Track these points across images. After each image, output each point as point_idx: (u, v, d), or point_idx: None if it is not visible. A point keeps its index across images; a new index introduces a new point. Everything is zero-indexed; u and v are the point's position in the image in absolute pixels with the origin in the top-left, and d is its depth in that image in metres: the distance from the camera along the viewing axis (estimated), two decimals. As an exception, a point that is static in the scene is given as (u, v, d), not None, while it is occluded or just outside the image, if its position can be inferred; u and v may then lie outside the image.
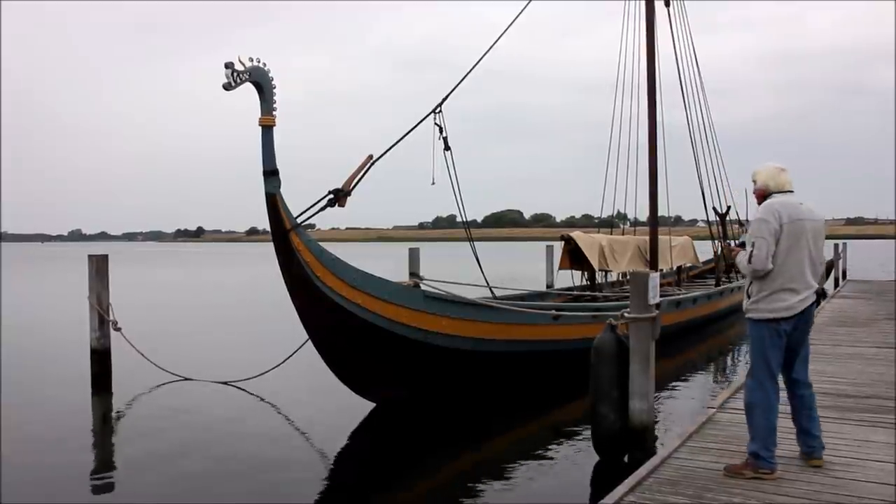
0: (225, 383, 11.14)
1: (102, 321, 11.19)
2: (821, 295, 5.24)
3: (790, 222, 5.02)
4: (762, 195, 5.25)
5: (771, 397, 5.15)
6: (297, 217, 8.08)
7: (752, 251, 5.03)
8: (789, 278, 5.03)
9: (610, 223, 19.87)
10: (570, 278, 17.21)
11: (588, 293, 15.91)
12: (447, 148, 10.12)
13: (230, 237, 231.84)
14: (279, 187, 7.86)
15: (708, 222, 19.45)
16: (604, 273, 17.02)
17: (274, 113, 7.67)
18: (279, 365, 10.72)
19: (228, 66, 7.17)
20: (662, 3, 17.42)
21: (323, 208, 8.37)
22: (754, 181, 5.32)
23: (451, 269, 16.28)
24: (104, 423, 9.52)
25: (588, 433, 7.28)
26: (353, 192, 8.49)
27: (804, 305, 5.07)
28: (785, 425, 6.22)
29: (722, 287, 18.20)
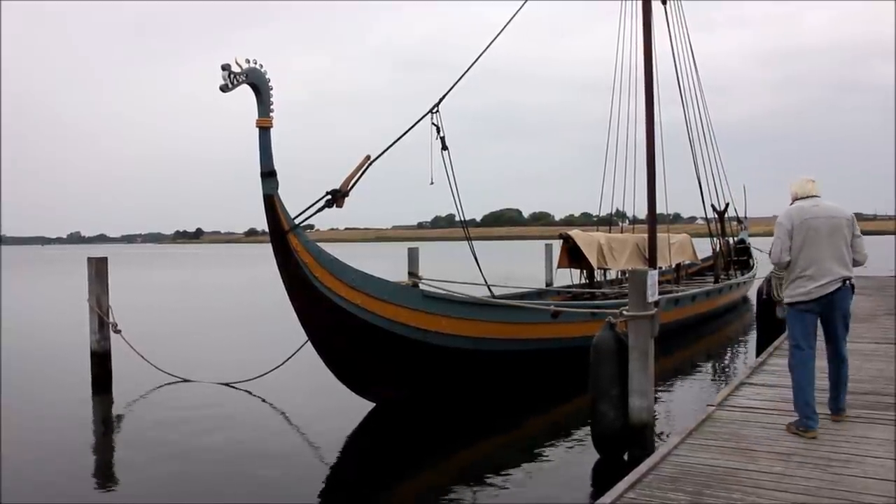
0: (225, 384, 11.15)
1: (102, 323, 11.19)
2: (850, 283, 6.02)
3: (800, 222, 5.96)
4: (792, 202, 6.21)
5: (797, 363, 6.08)
6: (295, 218, 8.08)
7: (770, 248, 6.14)
8: (803, 268, 5.95)
9: (609, 221, 19.89)
10: (569, 277, 17.21)
11: (587, 291, 15.92)
12: (445, 147, 10.12)
13: (229, 238, 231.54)
14: (277, 188, 7.86)
15: (706, 219, 19.49)
16: (603, 271, 17.04)
17: (271, 114, 7.67)
18: (279, 366, 10.72)
19: (225, 67, 7.17)
20: (659, 1, 17.45)
21: (321, 209, 8.38)
22: (790, 192, 6.26)
23: (450, 269, 16.29)
24: (104, 425, 9.53)
25: (588, 431, 7.30)
26: (350, 193, 8.50)
27: (824, 291, 5.89)
28: (776, 422, 6.26)
29: (721, 284, 18.22)
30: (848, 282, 5.95)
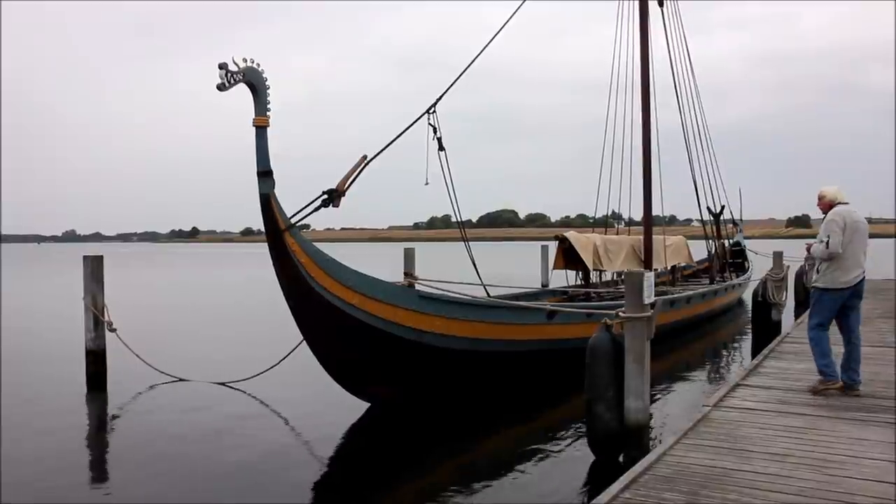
0: (220, 384, 11.13)
1: (97, 322, 11.17)
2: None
3: (850, 223, 7.25)
4: (829, 206, 7.48)
5: (821, 337, 7.51)
6: (291, 217, 8.06)
7: (828, 240, 7.22)
8: (845, 260, 7.25)
9: (605, 223, 19.93)
10: (564, 278, 17.23)
11: (583, 292, 15.93)
12: (441, 148, 10.12)
13: (225, 238, 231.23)
14: (273, 188, 7.85)
15: (702, 222, 19.53)
16: (598, 273, 17.06)
17: (268, 114, 7.67)
18: (275, 366, 10.71)
19: (222, 66, 7.16)
20: (656, 3, 17.48)
21: (317, 209, 8.35)
22: (822, 197, 7.57)
23: (447, 269, 16.28)
24: (100, 424, 9.50)
25: (583, 432, 7.30)
26: (347, 193, 8.48)
27: (856, 280, 7.34)
28: (771, 423, 6.26)
29: (716, 286, 18.25)
30: (864, 272, 7.46)
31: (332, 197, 8.37)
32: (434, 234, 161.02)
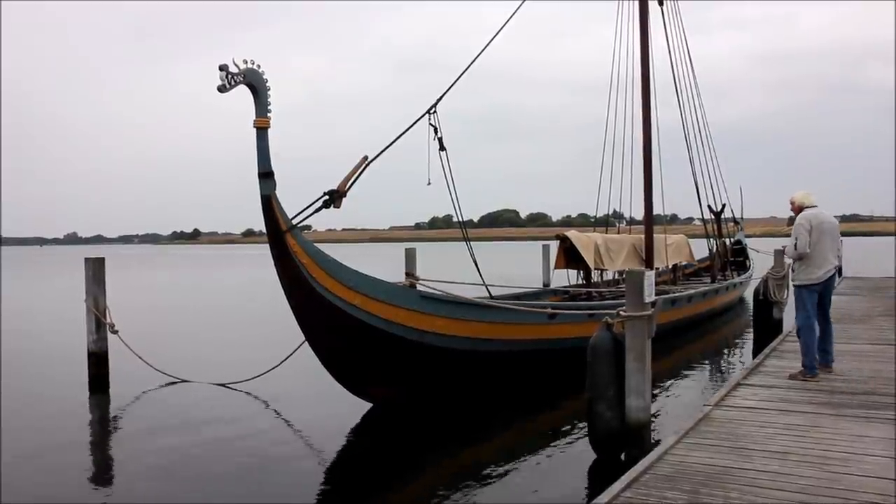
0: (222, 385, 11.14)
1: (99, 324, 11.19)
2: (839, 270, 8.45)
3: (816, 224, 7.99)
4: (799, 209, 8.24)
5: (807, 332, 8.11)
6: (292, 218, 8.08)
7: (796, 243, 8.01)
8: (814, 258, 8.01)
9: (606, 222, 19.94)
10: (566, 277, 17.24)
11: (584, 292, 15.94)
12: (442, 148, 10.14)
13: (226, 239, 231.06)
14: (274, 189, 7.87)
15: (703, 220, 19.53)
16: (600, 272, 17.07)
17: (269, 115, 7.68)
18: (276, 366, 10.73)
19: (223, 68, 7.18)
20: (656, 2, 17.49)
21: (318, 209, 8.38)
22: (792, 202, 8.37)
23: (448, 269, 16.30)
24: (102, 426, 9.52)
25: (585, 431, 7.31)
26: (348, 194, 8.50)
27: (826, 276, 8.11)
28: (772, 422, 6.26)
29: (717, 285, 18.25)
30: (836, 269, 8.30)
31: (334, 198, 8.40)
32: (435, 234, 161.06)
